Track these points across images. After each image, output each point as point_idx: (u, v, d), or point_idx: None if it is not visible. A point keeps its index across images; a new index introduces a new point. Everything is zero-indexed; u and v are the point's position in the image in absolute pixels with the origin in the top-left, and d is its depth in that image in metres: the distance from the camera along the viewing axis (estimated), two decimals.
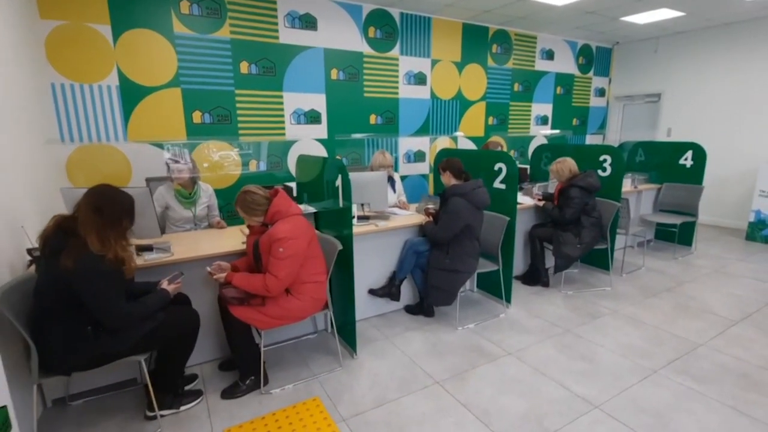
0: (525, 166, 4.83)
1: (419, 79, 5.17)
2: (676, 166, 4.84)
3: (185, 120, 3.93)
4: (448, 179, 2.98)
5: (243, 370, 2.28)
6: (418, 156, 5.37)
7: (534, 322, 3.08)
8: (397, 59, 4.97)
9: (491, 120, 5.93)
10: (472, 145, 5.79)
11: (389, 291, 3.09)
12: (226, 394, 2.25)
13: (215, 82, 4.00)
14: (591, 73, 6.86)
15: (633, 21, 5.42)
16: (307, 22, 4.33)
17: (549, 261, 3.75)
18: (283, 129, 4.42)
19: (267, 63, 4.21)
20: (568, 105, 6.72)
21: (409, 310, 3.26)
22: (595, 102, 7.07)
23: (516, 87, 6.06)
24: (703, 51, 5.90)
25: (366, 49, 4.74)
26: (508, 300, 3.32)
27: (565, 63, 6.49)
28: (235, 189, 4.16)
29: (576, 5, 4.75)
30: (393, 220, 3.23)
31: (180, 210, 3.03)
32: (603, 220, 3.62)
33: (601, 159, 3.93)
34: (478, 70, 5.64)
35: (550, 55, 6.28)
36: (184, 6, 3.76)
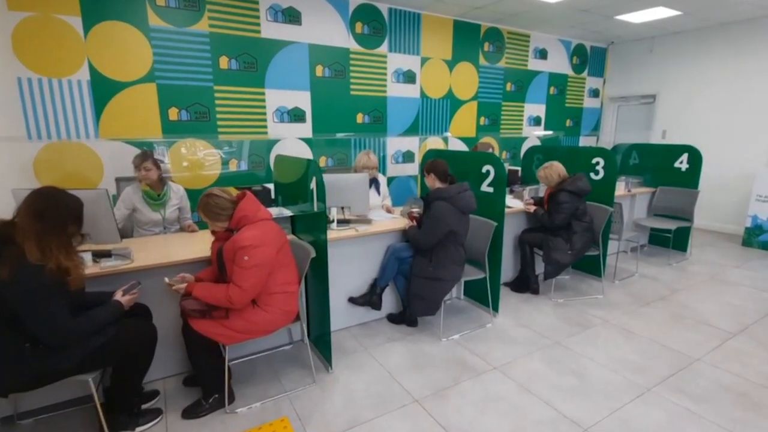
0: (516, 168, 4.68)
1: (408, 77, 5.02)
2: (671, 169, 4.71)
3: (161, 117, 3.75)
4: (432, 182, 2.82)
5: (206, 387, 2.11)
6: (407, 156, 5.21)
7: (522, 332, 2.93)
8: (386, 56, 4.80)
9: (483, 120, 5.79)
10: (463, 146, 5.64)
11: (370, 299, 2.93)
12: (187, 413, 2.08)
13: (193, 77, 3.82)
14: (585, 73, 6.73)
15: (628, 20, 5.29)
16: (291, 16, 4.16)
17: (539, 267, 3.60)
18: (266, 127, 4.24)
19: (248, 58, 4.03)
20: (561, 105, 6.59)
21: (392, 318, 3.10)
22: (589, 103, 6.95)
23: (508, 86, 5.91)
24: (700, 52, 5.79)
25: (353, 46, 4.57)
26: (495, 309, 3.17)
27: (559, 62, 6.36)
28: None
29: (570, 3, 4.61)
30: (375, 224, 3.07)
31: (148, 212, 2.85)
32: (595, 225, 3.48)
33: (594, 162, 3.79)
34: (469, 68, 5.49)
35: (543, 55, 6.14)
36: None
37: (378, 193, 3.63)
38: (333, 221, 2.91)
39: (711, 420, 2.04)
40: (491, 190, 3.07)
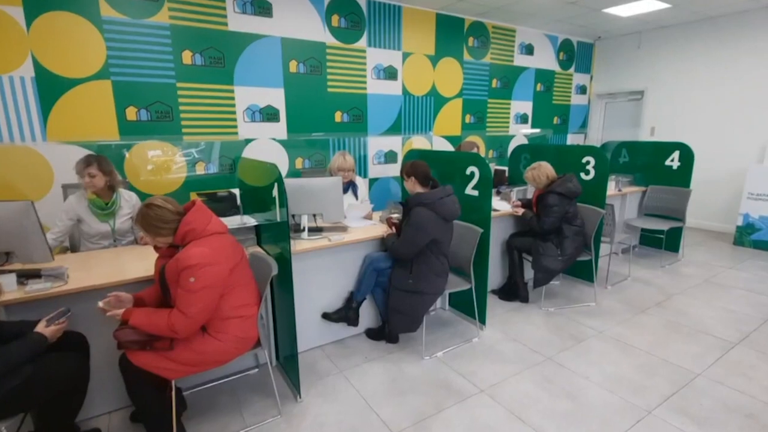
0: (503, 167, 4.47)
1: (389, 74, 4.76)
2: (662, 167, 4.55)
3: (117, 117, 3.43)
4: (412, 186, 2.58)
5: (149, 426, 1.83)
6: (389, 157, 4.96)
7: (511, 347, 2.71)
8: (365, 51, 4.54)
9: (468, 118, 5.57)
10: (448, 145, 5.42)
11: (346, 315, 2.67)
12: None
13: (153, 73, 3.51)
14: (572, 70, 6.56)
15: (616, 13, 5.12)
16: (261, 7, 3.87)
17: (529, 273, 3.39)
18: (236, 127, 3.95)
19: (214, 53, 3.73)
20: (548, 103, 6.41)
21: (371, 334, 2.85)
22: (577, 100, 6.79)
23: (494, 83, 5.70)
24: (688, 46, 5.65)
25: (329, 40, 4.30)
26: (482, 321, 2.94)
27: (546, 58, 6.17)
28: (179, 195, 3.69)
29: None
30: (352, 232, 2.82)
31: (95, 223, 2.55)
32: (586, 228, 3.28)
33: (584, 161, 3.59)
34: (453, 64, 5.26)
35: (529, 50, 5.94)
36: None
37: (356, 198, 3.38)
38: (303, 230, 2.65)
39: None
40: (476, 193, 2.84)
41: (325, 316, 2.67)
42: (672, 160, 4.47)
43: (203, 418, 2.07)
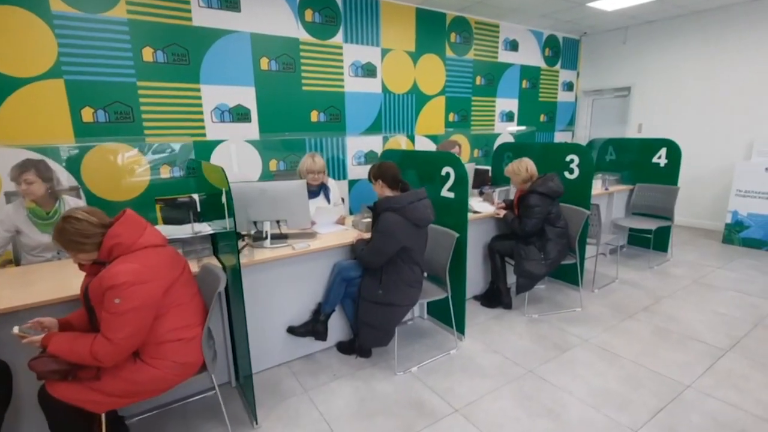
0: (486, 167, 4.31)
1: (368, 71, 4.58)
2: (649, 164, 4.42)
3: (72, 118, 3.21)
4: (380, 189, 2.39)
5: None
6: (369, 157, 4.77)
7: (491, 359, 2.54)
8: (341, 47, 4.35)
9: (452, 116, 5.40)
10: (432, 145, 5.25)
11: (312, 328, 2.48)
12: None
13: (110, 72, 3.29)
14: (558, 66, 6.43)
15: (601, 8, 4.99)
16: (228, 1, 3.66)
17: (512, 278, 3.23)
18: (203, 128, 3.74)
19: (178, 49, 3.52)
20: (534, 100, 6.27)
21: (342, 348, 2.67)
22: (563, 97, 6.65)
23: (478, 80, 5.54)
24: (674, 41, 5.54)
25: (303, 36, 4.11)
26: (461, 331, 2.77)
27: (531, 54, 6.03)
28: (142, 201, 3.48)
29: None
30: (321, 238, 2.63)
31: (35, 234, 2.34)
32: (570, 230, 3.13)
33: (568, 159, 3.44)
34: (435, 60, 5.09)
35: (514, 46, 5.79)
36: None
37: (328, 201, 3.19)
38: (266, 238, 2.46)
39: None
40: (452, 195, 2.67)
41: (291, 330, 2.48)
42: (659, 157, 4.35)
43: None
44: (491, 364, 2.49)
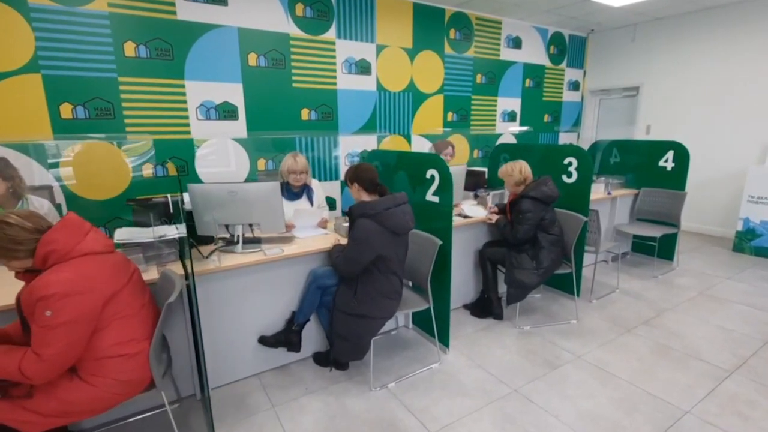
0: (482, 169, 4.14)
1: (362, 68, 4.43)
2: (655, 168, 4.21)
3: (50, 114, 3.11)
4: (357, 194, 2.25)
5: None
6: (363, 157, 4.62)
7: (475, 375, 2.38)
8: (334, 43, 4.21)
9: (451, 116, 5.23)
10: (429, 145, 5.08)
11: (285, 338, 2.35)
12: None
13: (90, 67, 3.19)
14: (564, 64, 6.20)
15: (608, 3, 4.76)
16: None
17: (504, 287, 3.06)
18: (188, 125, 3.63)
19: (161, 44, 3.41)
20: (538, 99, 6.06)
21: (318, 359, 2.53)
22: (569, 96, 6.43)
23: (479, 78, 5.36)
24: (684, 39, 5.29)
25: (293, 31, 3.97)
26: (444, 344, 2.61)
27: (535, 52, 5.82)
28: (122, 199, 3.38)
29: None
30: (296, 243, 2.50)
31: None
32: (566, 237, 2.95)
33: (566, 162, 3.26)
34: (433, 58, 4.92)
35: (517, 43, 5.59)
36: None
37: (311, 204, 3.05)
38: (237, 243, 2.33)
39: None
40: (437, 199, 2.51)
41: (262, 340, 2.35)
42: (666, 160, 4.13)
43: None
44: (474, 381, 2.33)
